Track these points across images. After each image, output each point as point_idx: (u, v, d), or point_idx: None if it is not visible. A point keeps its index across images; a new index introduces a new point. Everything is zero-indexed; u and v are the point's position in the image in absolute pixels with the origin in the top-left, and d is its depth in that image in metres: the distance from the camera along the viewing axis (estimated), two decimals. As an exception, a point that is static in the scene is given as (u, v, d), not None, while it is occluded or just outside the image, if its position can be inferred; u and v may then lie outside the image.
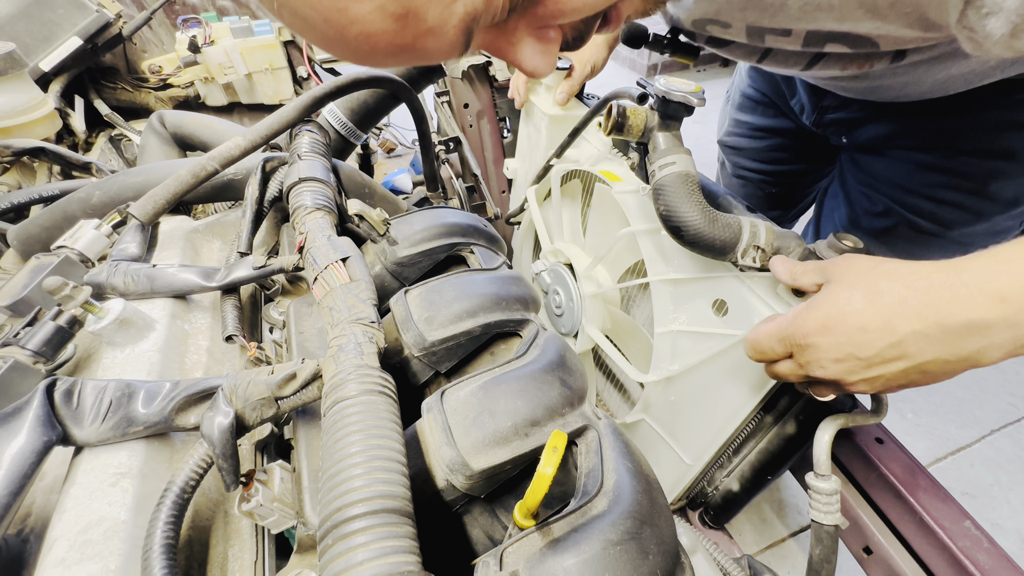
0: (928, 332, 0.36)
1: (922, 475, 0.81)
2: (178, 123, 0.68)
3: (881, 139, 0.78)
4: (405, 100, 0.73)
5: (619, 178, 0.87)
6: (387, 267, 0.61)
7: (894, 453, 0.83)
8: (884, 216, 0.80)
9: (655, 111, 0.74)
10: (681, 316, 0.82)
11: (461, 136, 1.00)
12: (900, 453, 0.83)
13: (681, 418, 0.87)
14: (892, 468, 0.81)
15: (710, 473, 0.96)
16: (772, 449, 0.82)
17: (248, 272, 0.49)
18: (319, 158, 0.56)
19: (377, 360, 0.37)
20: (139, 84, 1.26)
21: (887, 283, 0.38)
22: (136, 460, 0.34)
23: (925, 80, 0.62)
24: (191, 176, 0.53)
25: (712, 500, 1.00)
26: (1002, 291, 0.33)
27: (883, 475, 0.82)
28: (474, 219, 0.68)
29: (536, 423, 0.41)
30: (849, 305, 0.39)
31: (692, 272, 0.77)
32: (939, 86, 0.63)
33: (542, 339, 0.51)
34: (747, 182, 1.10)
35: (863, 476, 0.84)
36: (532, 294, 0.58)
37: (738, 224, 0.70)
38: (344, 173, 0.64)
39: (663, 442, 0.89)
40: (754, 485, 0.90)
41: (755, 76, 0.99)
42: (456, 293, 0.52)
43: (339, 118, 0.77)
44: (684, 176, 0.71)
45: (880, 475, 0.82)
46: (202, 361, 0.45)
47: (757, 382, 0.70)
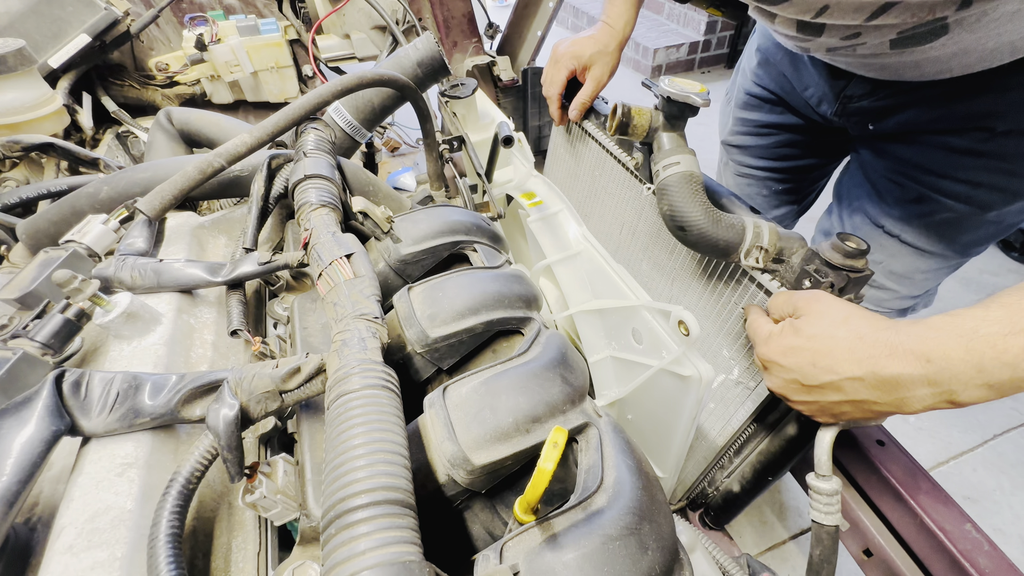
0: (864, 378, 0.45)
1: (923, 478, 0.80)
2: (185, 120, 0.68)
3: (912, 126, 0.77)
4: (410, 100, 0.74)
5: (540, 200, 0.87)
6: (391, 264, 0.61)
7: (895, 456, 0.83)
8: (918, 203, 0.80)
9: (660, 111, 0.75)
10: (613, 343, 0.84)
11: (465, 135, 1.01)
12: (901, 456, 0.83)
13: (644, 434, 0.88)
14: (893, 470, 0.81)
15: (711, 474, 0.96)
16: (773, 450, 0.82)
17: (253, 268, 0.50)
18: (324, 155, 0.57)
19: (380, 355, 0.37)
20: (146, 81, 1.27)
21: (844, 332, 0.46)
22: (142, 451, 0.35)
23: (973, 49, 0.61)
24: (198, 172, 0.53)
25: (713, 501, 1.00)
26: (928, 354, 0.40)
27: (884, 477, 0.81)
28: (477, 217, 0.68)
29: (537, 419, 0.41)
30: (809, 342, 0.48)
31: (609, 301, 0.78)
32: (987, 56, 0.62)
33: (544, 337, 0.51)
34: (753, 180, 1.09)
35: (864, 478, 0.84)
36: (534, 292, 0.58)
37: (742, 225, 0.70)
38: (349, 171, 0.65)
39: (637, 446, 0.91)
40: (755, 486, 0.90)
41: (760, 74, 0.99)
42: (459, 290, 0.52)
43: (345, 117, 0.77)
44: (688, 176, 0.71)
45: (881, 477, 0.82)
46: (207, 355, 0.45)
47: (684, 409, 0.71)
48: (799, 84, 0.90)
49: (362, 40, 1.40)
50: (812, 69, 0.86)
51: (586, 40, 0.88)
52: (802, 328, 0.50)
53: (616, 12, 0.86)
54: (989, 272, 2.14)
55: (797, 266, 0.69)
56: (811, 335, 0.49)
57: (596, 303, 0.81)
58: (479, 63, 1.31)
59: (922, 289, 0.89)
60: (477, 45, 1.36)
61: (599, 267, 0.85)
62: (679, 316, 0.65)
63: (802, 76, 0.89)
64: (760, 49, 0.98)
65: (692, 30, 3.61)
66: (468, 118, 1.21)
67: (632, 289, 0.77)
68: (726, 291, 0.83)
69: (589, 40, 0.88)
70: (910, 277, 0.87)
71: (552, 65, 0.91)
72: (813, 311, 0.51)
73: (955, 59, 0.64)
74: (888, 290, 0.90)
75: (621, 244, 1.07)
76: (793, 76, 0.91)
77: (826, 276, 0.64)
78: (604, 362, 0.91)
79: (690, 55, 3.60)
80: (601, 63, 0.88)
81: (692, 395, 0.69)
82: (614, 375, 0.92)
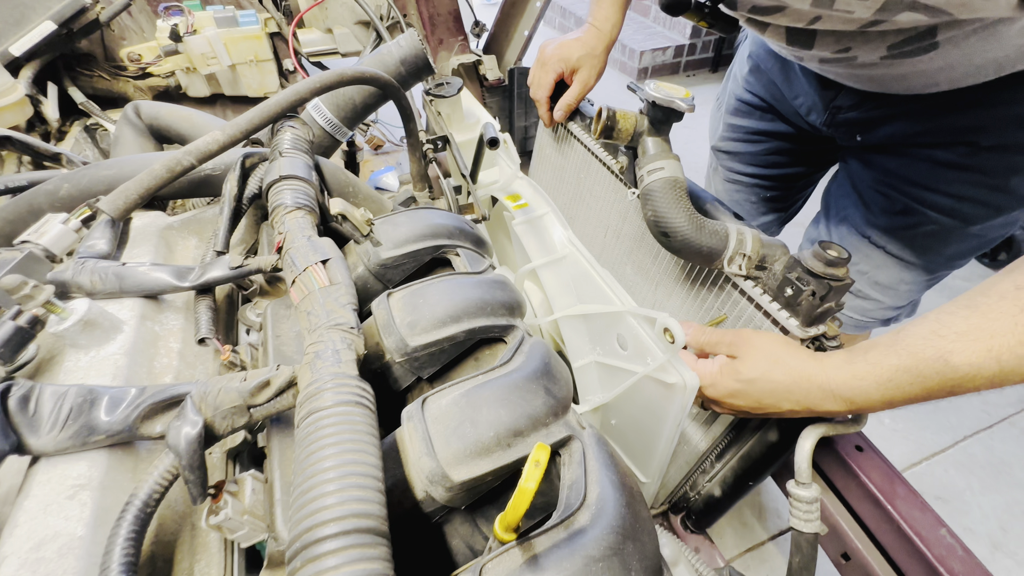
0: (799, 411, 0.55)
1: (900, 483, 0.82)
2: (154, 114, 0.65)
3: (899, 138, 0.78)
4: (393, 98, 0.72)
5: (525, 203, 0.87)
6: (370, 268, 0.59)
7: (873, 461, 0.84)
8: (904, 214, 0.81)
9: (645, 116, 0.74)
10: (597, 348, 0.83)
11: (449, 134, 0.99)
12: (879, 461, 0.84)
13: (627, 439, 0.88)
14: (871, 476, 0.82)
15: (692, 478, 0.96)
16: (754, 456, 0.83)
17: (224, 272, 0.48)
18: (301, 155, 0.55)
19: (355, 368, 0.36)
20: (117, 72, 1.22)
21: (781, 375, 0.54)
22: (97, 471, 0.33)
23: (960, 65, 0.62)
24: (165, 171, 0.51)
25: (694, 505, 1.00)
26: (851, 398, 0.50)
27: (862, 483, 0.82)
28: (460, 220, 0.67)
29: (519, 433, 0.40)
30: (750, 387, 0.56)
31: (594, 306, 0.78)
32: (972, 72, 0.63)
33: (527, 346, 0.50)
34: (741, 187, 1.10)
35: (843, 483, 0.85)
36: (517, 299, 0.57)
37: (725, 231, 0.70)
38: (327, 171, 0.62)
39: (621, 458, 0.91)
40: (735, 491, 0.90)
41: (751, 80, 0.99)
42: (440, 297, 0.51)
43: (324, 114, 0.75)
44: (672, 182, 0.70)
45: (859, 483, 0.83)
46: (172, 364, 0.43)
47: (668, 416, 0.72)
48: (789, 93, 0.91)
49: (345, 35, 1.36)
50: (802, 78, 0.87)
51: (573, 42, 0.87)
52: (741, 371, 0.57)
53: (603, 14, 0.85)
54: (961, 278, 2.20)
55: (779, 274, 0.69)
56: (750, 379, 0.56)
57: (581, 308, 0.80)
58: (465, 62, 1.29)
59: (906, 300, 0.91)
60: (463, 43, 1.34)
61: (584, 271, 0.84)
62: (664, 323, 0.64)
63: (792, 85, 0.90)
64: (751, 56, 0.98)
65: (678, 33, 3.64)
66: (453, 118, 1.19)
67: (617, 294, 0.76)
68: (709, 297, 0.83)
69: (576, 42, 0.87)
70: (894, 288, 0.88)
71: (539, 67, 0.90)
72: (749, 355, 0.57)
73: (942, 73, 0.64)
74: (873, 300, 0.91)
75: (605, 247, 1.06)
76: (784, 84, 0.91)
77: (808, 284, 0.64)
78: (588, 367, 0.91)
79: (676, 58, 3.63)
80: (588, 66, 0.87)
81: (676, 403, 0.69)
82: (598, 380, 0.91)
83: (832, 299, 0.64)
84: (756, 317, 0.73)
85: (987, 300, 0.44)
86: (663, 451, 0.82)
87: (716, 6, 0.73)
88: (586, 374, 0.91)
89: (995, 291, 0.43)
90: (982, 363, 0.42)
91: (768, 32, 0.70)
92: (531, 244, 0.82)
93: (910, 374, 0.46)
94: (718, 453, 0.88)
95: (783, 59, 0.91)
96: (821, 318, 0.66)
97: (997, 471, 1.59)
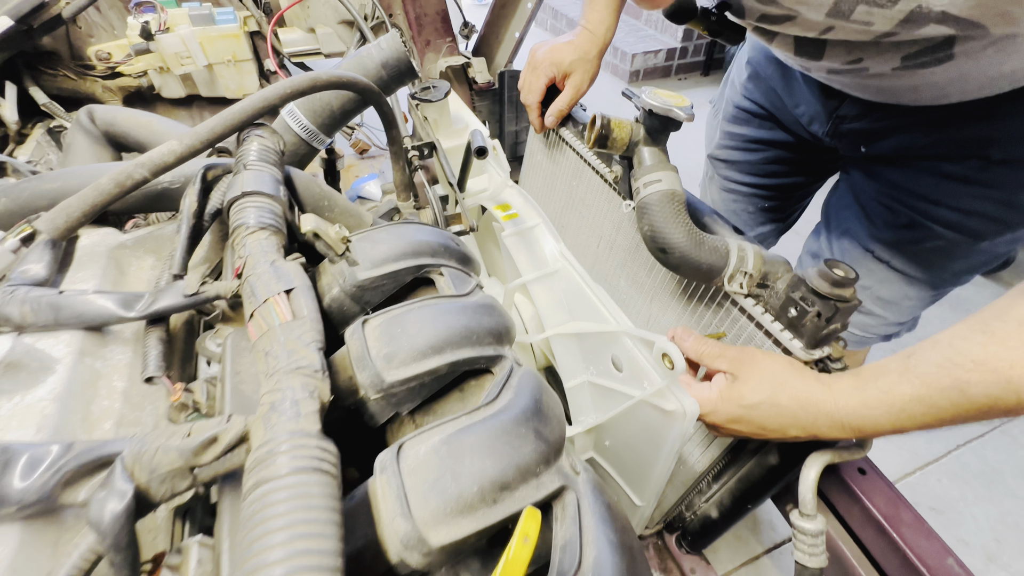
0: (805, 437, 0.53)
1: (905, 508, 0.78)
2: (110, 120, 0.60)
3: (905, 149, 0.75)
4: (374, 104, 0.67)
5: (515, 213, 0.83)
6: (346, 290, 0.55)
7: (877, 485, 0.81)
8: (908, 228, 0.78)
9: (640, 124, 0.70)
10: (591, 367, 0.80)
11: (436, 141, 0.94)
12: (883, 485, 0.81)
13: (621, 462, 0.84)
14: (875, 501, 0.79)
15: (688, 498, 0.93)
16: (752, 478, 0.79)
17: (177, 300, 0.42)
18: (268, 168, 0.50)
19: (318, 420, 0.31)
20: (84, 72, 1.15)
21: (787, 400, 0.52)
22: (5, 551, 0.28)
23: (974, 77, 0.59)
24: (114, 186, 0.46)
25: (690, 525, 0.97)
26: (860, 427, 0.49)
27: (866, 508, 0.79)
28: (445, 237, 0.62)
29: (506, 487, 0.36)
30: (755, 411, 0.53)
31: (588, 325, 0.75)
32: (986, 84, 0.61)
33: (516, 379, 0.46)
34: (739, 196, 1.07)
35: (845, 508, 0.81)
36: (506, 325, 0.52)
37: (726, 248, 0.67)
38: (300, 183, 0.57)
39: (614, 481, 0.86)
40: (733, 513, 0.87)
41: (750, 87, 0.96)
42: (420, 326, 0.46)
43: (300, 120, 0.70)
44: (670, 195, 0.67)
45: (863, 508, 0.80)
46: (115, 408, 0.38)
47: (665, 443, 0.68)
48: (790, 101, 0.88)
49: (328, 35, 1.31)
50: (804, 87, 0.84)
51: (565, 46, 0.83)
52: (745, 396, 0.54)
53: (597, 18, 0.81)
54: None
55: (782, 292, 0.66)
56: (754, 404, 0.53)
57: (574, 326, 0.76)
58: (453, 64, 1.25)
59: (909, 316, 0.88)
60: (451, 45, 1.29)
61: (577, 287, 0.80)
62: (663, 348, 0.60)
63: (794, 93, 0.87)
64: (750, 62, 0.95)
65: (670, 36, 3.63)
66: (440, 123, 1.14)
67: (612, 313, 0.72)
68: (707, 313, 0.79)
69: (569, 46, 0.83)
70: (898, 303, 0.85)
71: (530, 71, 0.86)
72: (751, 376, 0.54)
73: (953, 85, 0.62)
74: (875, 316, 0.88)
75: (598, 259, 1.03)
76: (784, 92, 0.88)
77: (812, 304, 0.61)
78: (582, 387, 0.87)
79: (667, 61, 3.62)
80: (581, 70, 0.83)
81: (675, 430, 0.65)
82: (591, 401, 0.88)
83: (838, 320, 0.61)
84: (757, 336, 0.70)
85: (1004, 326, 0.41)
86: (659, 476, 0.79)
87: (723, 14, 0.69)
88: (579, 394, 0.87)
89: (1012, 316, 0.41)
90: (1000, 395, 0.40)
91: (776, 41, 0.67)
92: (521, 257, 0.78)
93: (924, 404, 0.44)
94: (715, 474, 0.85)
95: (784, 66, 0.88)
96: (826, 339, 0.63)
97: (990, 480, 1.58)
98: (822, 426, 0.51)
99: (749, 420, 0.55)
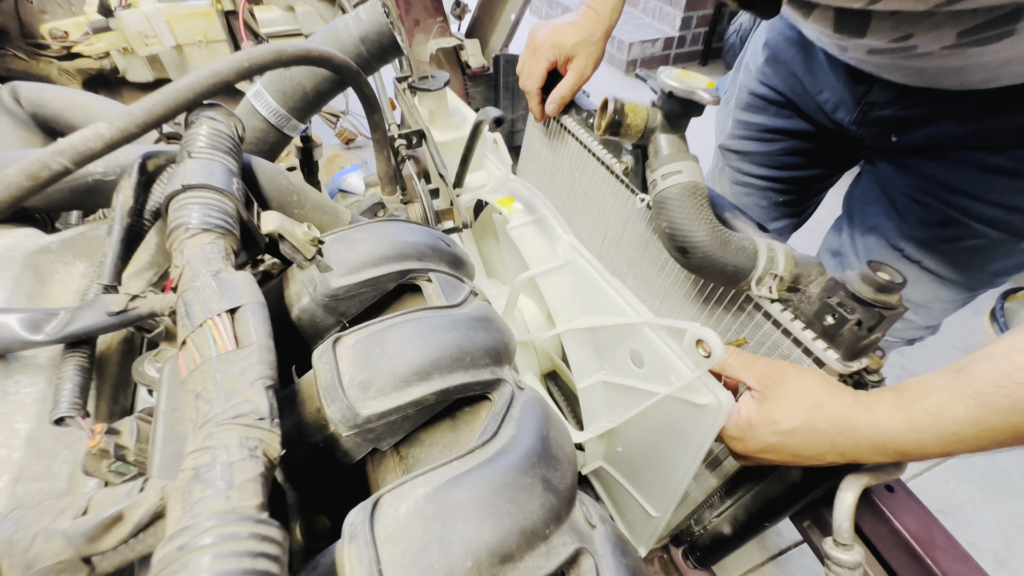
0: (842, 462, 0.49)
1: (937, 530, 0.72)
2: (38, 100, 0.51)
3: (942, 139, 0.69)
4: (352, 84, 0.58)
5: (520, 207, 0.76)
6: (317, 300, 0.47)
7: (906, 504, 0.74)
8: (944, 226, 0.72)
9: (658, 109, 0.62)
10: (605, 365, 0.73)
11: (426, 129, 0.86)
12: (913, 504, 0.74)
13: (635, 469, 0.77)
14: (906, 522, 0.72)
15: (698, 511, 0.87)
16: (771, 495, 0.73)
17: (99, 320, 0.34)
18: (219, 157, 0.41)
19: (259, 491, 0.23)
20: (36, 51, 1.04)
21: (824, 424, 0.46)
22: None
23: None
24: (26, 178, 0.37)
25: (699, 540, 0.91)
26: (906, 452, 0.44)
27: (896, 530, 0.72)
28: (433, 237, 0.54)
29: (508, 557, 0.28)
30: (790, 438, 0.48)
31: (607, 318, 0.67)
32: None
33: (517, 409, 0.38)
34: (752, 189, 1.00)
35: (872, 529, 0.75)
36: (504, 340, 0.45)
37: (753, 247, 0.59)
38: (263, 175, 0.49)
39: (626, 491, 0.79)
40: (747, 530, 0.80)
41: (768, 72, 0.89)
42: (403, 346, 0.38)
43: (268, 103, 0.61)
44: (692, 188, 0.59)
45: (892, 530, 0.73)
46: (13, 459, 0.30)
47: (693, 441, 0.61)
48: (812, 86, 0.80)
49: (308, 14, 1.21)
50: (829, 70, 0.76)
51: (568, 27, 0.75)
52: (778, 421, 0.49)
53: None
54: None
55: (815, 298, 0.59)
56: (788, 430, 0.48)
57: (590, 320, 0.69)
58: (444, 46, 1.15)
59: (939, 319, 0.82)
60: (443, 26, 1.20)
61: (590, 279, 0.72)
62: (698, 334, 0.53)
63: (817, 78, 0.79)
64: (768, 45, 0.87)
65: (667, 25, 3.54)
66: (438, 115, 1.06)
67: (631, 304, 0.65)
68: (726, 317, 0.72)
69: (571, 27, 0.75)
70: (928, 307, 0.79)
71: (530, 55, 0.78)
72: (783, 398, 0.49)
73: (1007, 67, 0.55)
74: (903, 320, 0.82)
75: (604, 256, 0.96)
76: (806, 77, 0.81)
77: (852, 312, 0.54)
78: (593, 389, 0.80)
79: (665, 50, 3.53)
80: (585, 54, 0.75)
81: (705, 426, 0.58)
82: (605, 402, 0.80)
83: (881, 330, 0.54)
84: (783, 344, 0.63)
85: None
86: (680, 481, 0.71)
87: None
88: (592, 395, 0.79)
89: None
90: None
91: (814, 16, 0.60)
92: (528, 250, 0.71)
93: (979, 427, 0.40)
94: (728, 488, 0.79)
95: (806, 48, 0.80)
96: (865, 350, 0.56)
97: (998, 481, 1.54)
98: (863, 451, 0.47)
99: (783, 447, 0.50)
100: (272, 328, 0.31)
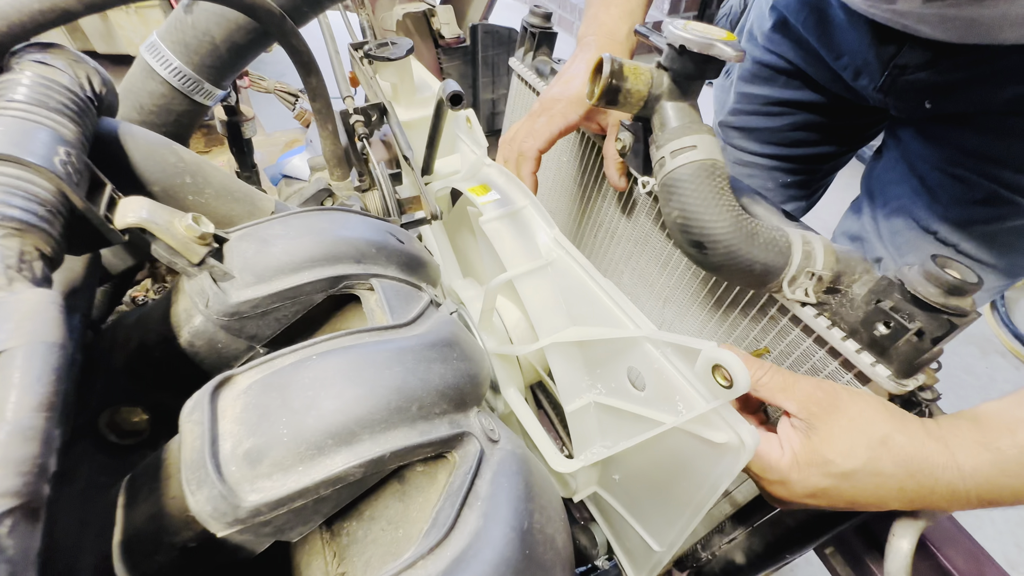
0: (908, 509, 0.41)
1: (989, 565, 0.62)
2: None
3: (984, 105, 0.60)
4: (275, 34, 0.45)
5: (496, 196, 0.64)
6: (213, 320, 0.34)
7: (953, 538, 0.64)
8: (986, 204, 0.64)
9: (664, 70, 0.50)
10: (598, 384, 0.62)
11: (387, 103, 0.72)
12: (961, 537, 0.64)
13: (634, 499, 0.65)
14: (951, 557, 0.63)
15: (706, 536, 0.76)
16: (794, 524, 0.62)
17: None
18: (43, 116, 0.28)
19: None
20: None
21: (891, 466, 0.38)
22: None
23: None
24: None
25: (707, 568, 0.80)
26: (993, 499, 0.36)
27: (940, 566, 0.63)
28: (382, 231, 0.41)
29: None
30: (847, 481, 0.39)
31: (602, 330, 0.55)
32: None
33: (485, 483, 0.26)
34: (756, 170, 0.90)
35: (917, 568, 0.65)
36: (471, 372, 0.32)
37: (786, 241, 0.48)
38: (139, 148, 0.36)
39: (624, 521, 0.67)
40: (764, 561, 0.70)
41: (776, 39, 0.78)
42: (317, 392, 0.26)
43: (166, 60, 0.47)
44: (710, 167, 0.47)
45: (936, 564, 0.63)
46: None
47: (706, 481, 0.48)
48: (829, 51, 0.70)
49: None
50: (851, 31, 0.66)
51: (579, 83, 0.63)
52: (832, 461, 0.39)
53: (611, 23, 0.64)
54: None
55: (861, 300, 0.48)
56: (846, 472, 0.38)
57: (581, 332, 0.57)
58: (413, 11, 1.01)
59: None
60: (411, -11, 1.06)
61: (578, 282, 0.60)
62: (715, 358, 0.40)
63: (834, 41, 0.69)
64: (776, 6, 0.77)
65: (656, 9, 3.45)
66: (402, 89, 0.92)
67: (628, 312, 0.53)
68: (743, 322, 0.61)
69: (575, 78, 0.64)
70: None
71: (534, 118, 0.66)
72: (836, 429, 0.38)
73: None
74: None
75: (596, 251, 0.84)
76: (821, 41, 0.71)
77: (912, 319, 0.43)
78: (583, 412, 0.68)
79: (653, 34, 3.43)
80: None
81: (722, 466, 0.45)
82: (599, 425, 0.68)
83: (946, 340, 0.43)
84: (815, 356, 0.52)
85: None
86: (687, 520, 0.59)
87: None
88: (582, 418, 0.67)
89: None
90: None
91: None
92: (505, 248, 0.59)
93: None
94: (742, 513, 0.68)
95: (820, 7, 0.70)
96: (922, 365, 0.45)
97: (1005, 479, 1.49)
98: (939, 500, 0.38)
99: (837, 495, 0.40)
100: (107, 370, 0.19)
